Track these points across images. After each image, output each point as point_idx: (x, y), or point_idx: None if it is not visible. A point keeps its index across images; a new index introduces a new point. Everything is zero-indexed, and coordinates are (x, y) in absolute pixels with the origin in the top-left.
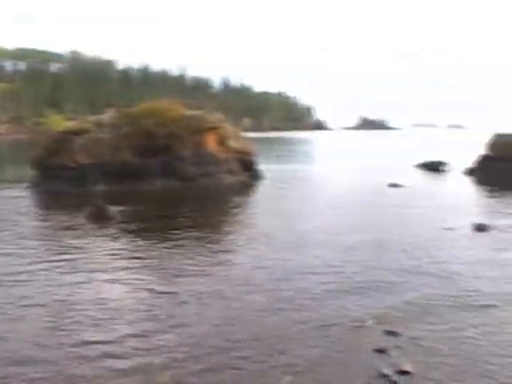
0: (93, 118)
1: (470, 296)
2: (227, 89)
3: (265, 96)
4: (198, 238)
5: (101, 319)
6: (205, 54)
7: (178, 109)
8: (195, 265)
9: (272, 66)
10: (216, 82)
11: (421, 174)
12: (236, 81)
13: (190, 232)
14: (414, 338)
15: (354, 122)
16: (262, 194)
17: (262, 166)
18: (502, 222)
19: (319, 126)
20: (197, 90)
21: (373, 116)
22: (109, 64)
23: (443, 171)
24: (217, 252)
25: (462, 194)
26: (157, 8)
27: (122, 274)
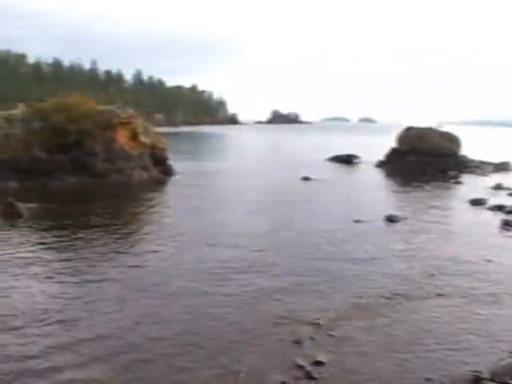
0: (3, 113)
1: (382, 287)
2: (139, 83)
3: (177, 90)
4: (110, 237)
5: (13, 329)
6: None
7: (90, 104)
8: (108, 266)
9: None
10: (128, 75)
11: (333, 167)
12: (148, 74)
13: (101, 230)
14: (330, 329)
15: (266, 116)
16: (175, 190)
17: (175, 162)
18: (411, 212)
19: (232, 120)
20: (109, 84)
21: (285, 110)
22: (20, 58)
23: (355, 164)
24: (130, 252)
25: (372, 186)
26: None
27: (31, 277)
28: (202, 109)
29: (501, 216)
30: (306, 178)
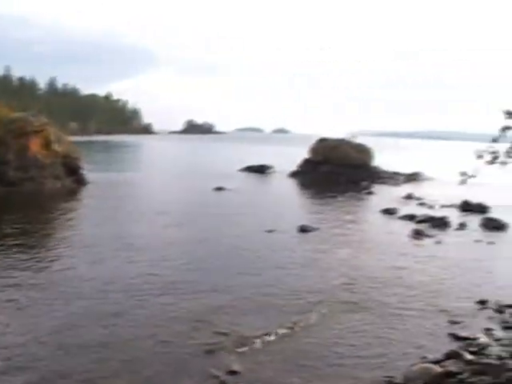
0: None
1: (297, 297)
2: (53, 91)
3: (92, 99)
4: (18, 250)
5: None
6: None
7: (3, 111)
8: (14, 283)
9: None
10: (42, 83)
11: (246, 177)
12: (63, 82)
13: (10, 244)
14: (244, 338)
15: (180, 125)
16: (87, 200)
17: (88, 171)
18: (324, 222)
19: (146, 129)
20: (22, 91)
21: (199, 120)
22: None
23: (268, 174)
24: (39, 267)
25: (285, 196)
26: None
27: None
28: (116, 118)
29: (411, 225)
30: (219, 189)
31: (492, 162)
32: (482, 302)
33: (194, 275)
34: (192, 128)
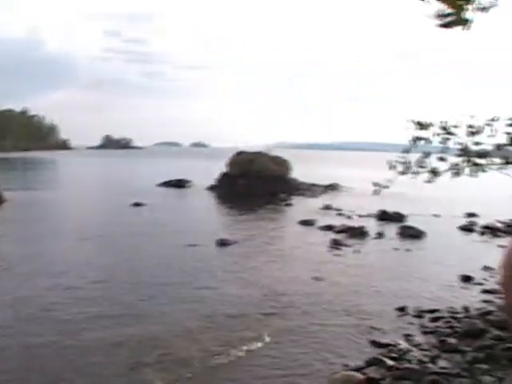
0: None
1: (217, 313)
2: None
3: (8, 114)
4: None
5: None
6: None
7: None
8: None
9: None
10: None
11: (164, 192)
12: None
13: None
14: (166, 354)
15: (97, 141)
16: (5, 219)
17: (4, 189)
18: (243, 235)
19: (64, 145)
20: None
21: (117, 135)
22: None
23: (186, 188)
24: None
25: (204, 210)
26: None
27: None
28: (33, 134)
29: (330, 235)
30: (136, 204)
31: (404, 173)
32: (402, 309)
33: (116, 298)
34: (109, 143)
